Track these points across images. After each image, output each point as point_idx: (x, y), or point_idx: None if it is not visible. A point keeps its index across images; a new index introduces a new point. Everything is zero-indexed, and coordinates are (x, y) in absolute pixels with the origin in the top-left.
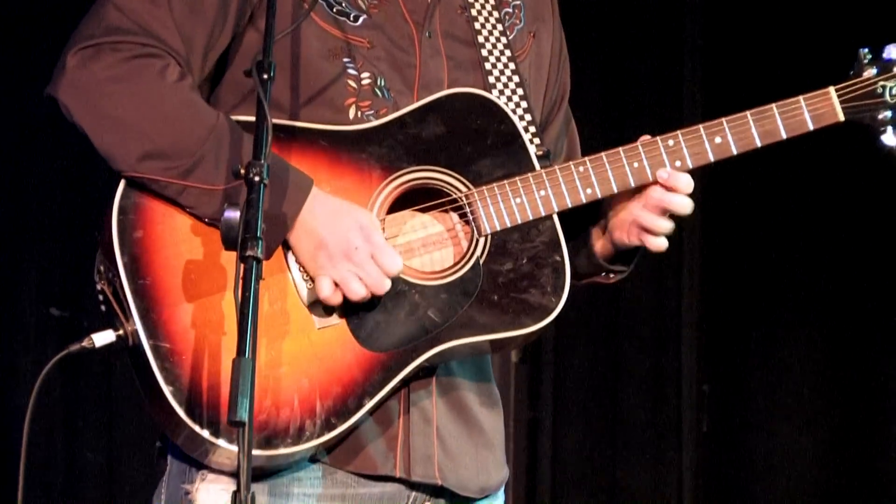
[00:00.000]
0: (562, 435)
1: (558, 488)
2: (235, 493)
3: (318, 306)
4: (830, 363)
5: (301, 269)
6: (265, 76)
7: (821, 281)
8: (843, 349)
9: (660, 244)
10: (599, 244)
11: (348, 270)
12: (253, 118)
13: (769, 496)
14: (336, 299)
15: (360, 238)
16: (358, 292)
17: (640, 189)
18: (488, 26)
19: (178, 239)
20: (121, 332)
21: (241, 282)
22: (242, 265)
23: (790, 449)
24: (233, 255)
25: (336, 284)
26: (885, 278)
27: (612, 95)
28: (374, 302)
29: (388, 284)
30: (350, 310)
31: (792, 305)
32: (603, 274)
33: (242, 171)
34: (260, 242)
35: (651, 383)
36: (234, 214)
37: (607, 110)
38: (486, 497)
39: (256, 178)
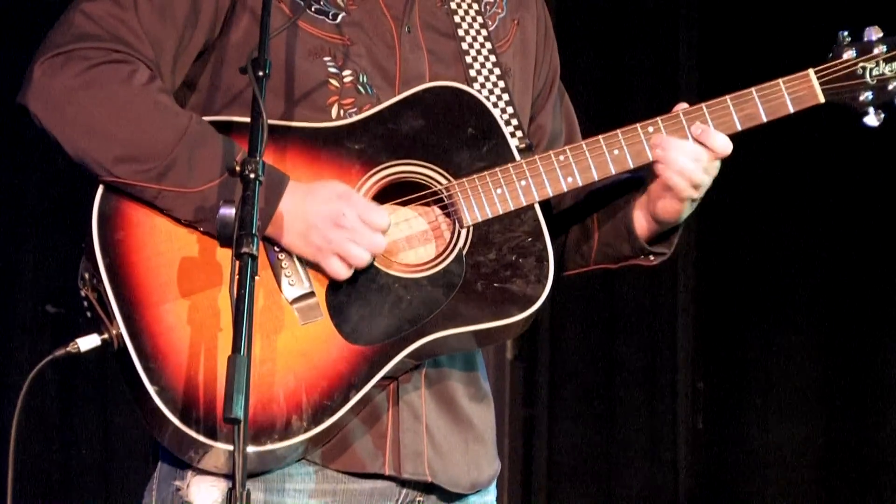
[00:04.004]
0: (557, 432)
1: (554, 486)
2: (230, 490)
3: (302, 302)
4: (825, 360)
5: (284, 265)
6: (260, 73)
7: (816, 277)
8: (839, 346)
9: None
10: (641, 225)
11: (344, 238)
12: (235, 118)
13: (764, 493)
14: (349, 274)
15: (343, 204)
16: (362, 258)
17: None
18: (468, 18)
19: (158, 240)
20: (106, 336)
21: (236, 278)
22: (237, 262)
23: (785, 446)
24: (217, 254)
25: (341, 258)
26: (881, 274)
27: (608, 80)
28: (357, 296)
29: (383, 242)
30: (334, 305)
31: (787, 302)
32: (642, 256)
33: (238, 168)
34: (255, 239)
35: (646, 380)
36: (228, 211)
37: (604, 95)
38: (478, 492)
39: (252, 175)
